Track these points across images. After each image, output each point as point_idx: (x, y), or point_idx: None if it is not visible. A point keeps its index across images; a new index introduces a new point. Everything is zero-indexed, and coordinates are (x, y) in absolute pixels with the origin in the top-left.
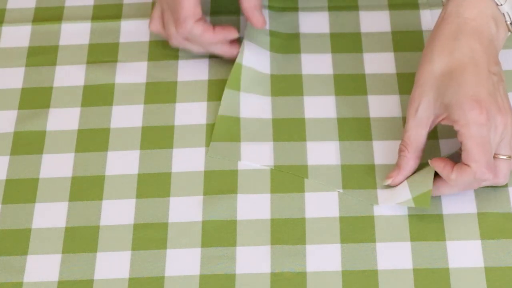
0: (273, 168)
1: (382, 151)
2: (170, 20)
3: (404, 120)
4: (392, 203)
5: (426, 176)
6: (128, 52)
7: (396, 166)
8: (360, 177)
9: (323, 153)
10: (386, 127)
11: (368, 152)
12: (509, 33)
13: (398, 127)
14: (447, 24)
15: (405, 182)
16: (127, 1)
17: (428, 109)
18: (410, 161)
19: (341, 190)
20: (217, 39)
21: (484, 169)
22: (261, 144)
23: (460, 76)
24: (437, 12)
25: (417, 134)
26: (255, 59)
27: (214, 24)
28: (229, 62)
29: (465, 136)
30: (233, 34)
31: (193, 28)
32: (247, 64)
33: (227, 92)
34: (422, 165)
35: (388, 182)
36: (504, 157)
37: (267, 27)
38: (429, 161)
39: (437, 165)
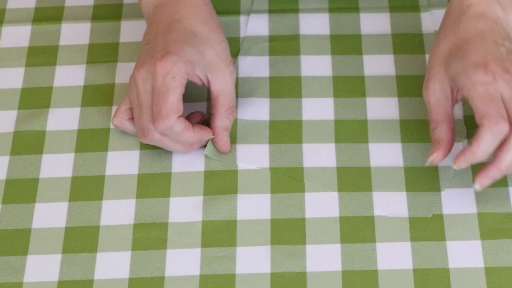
0: (269, 170)
1: (378, 154)
2: (145, 115)
3: (402, 122)
4: (386, 215)
5: (431, 202)
6: (128, 52)
7: (434, 143)
8: (356, 180)
9: (319, 155)
10: (383, 130)
11: (364, 155)
12: None
13: (395, 130)
14: (451, 13)
15: (405, 198)
16: (127, 1)
17: (443, 84)
18: (447, 133)
19: (336, 193)
20: (196, 138)
21: (496, 119)
22: (257, 146)
23: (466, 48)
24: (437, 14)
25: (443, 108)
26: (251, 69)
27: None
28: None
29: (472, 97)
30: (209, 135)
31: (175, 124)
32: (244, 75)
33: None
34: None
35: (431, 159)
36: None
37: (267, 33)
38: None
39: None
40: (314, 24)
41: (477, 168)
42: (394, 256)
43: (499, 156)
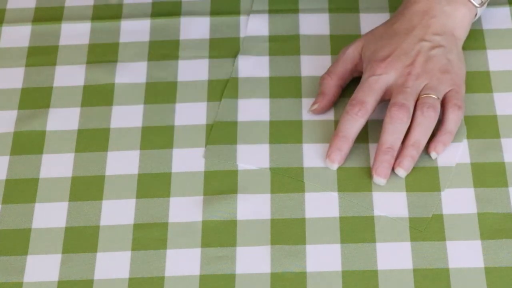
0: (268, 170)
1: None
2: None
3: None
4: (386, 214)
5: (431, 202)
6: (128, 52)
7: (320, 93)
8: (355, 180)
9: (319, 155)
10: None
11: (364, 155)
12: (478, 7)
13: None
14: (403, 3)
15: (405, 198)
16: (127, 1)
17: (355, 51)
18: (333, 88)
19: (336, 193)
20: None
21: (354, 103)
22: (257, 146)
23: (385, 39)
24: None
25: (343, 67)
26: (252, 68)
27: (214, 25)
28: (230, 62)
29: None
30: None
31: None
32: (244, 76)
33: (224, 101)
34: (426, 176)
35: (314, 107)
36: (426, 95)
37: (267, 33)
38: None
39: None
40: (314, 24)
41: (478, 170)
42: (394, 256)
43: (379, 139)
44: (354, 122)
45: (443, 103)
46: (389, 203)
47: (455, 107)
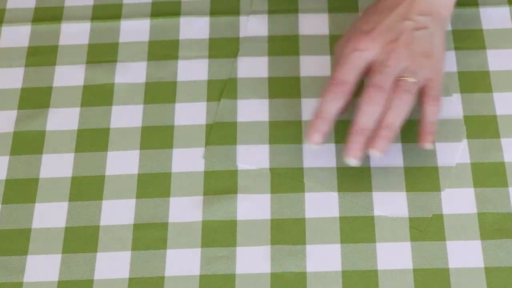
0: (268, 170)
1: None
2: None
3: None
4: (386, 214)
5: (431, 202)
6: (128, 52)
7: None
8: (356, 180)
9: (319, 155)
10: None
11: (364, 155)
12: None
13: None
14: None
15: (405, 198)
16: (127, 1)
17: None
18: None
19: (336, 193)
20: None
21: (333, 81)
22: (257, 146)
23: (370, 15)
24: None
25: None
26: (250, 69)
27: (213, 25)
28: (230, 62)
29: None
30: None
31: None
32: (243, 76)
33: (223, 102)
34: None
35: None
36: (405, 78)
37: (266, 33)
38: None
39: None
40: (314, 24)
41: (478, 170)
42: (394, 256)
43: (354, 120)
44: (335, 103)
45: (421, 93)
46: (389, 203)
47: (434, 99)
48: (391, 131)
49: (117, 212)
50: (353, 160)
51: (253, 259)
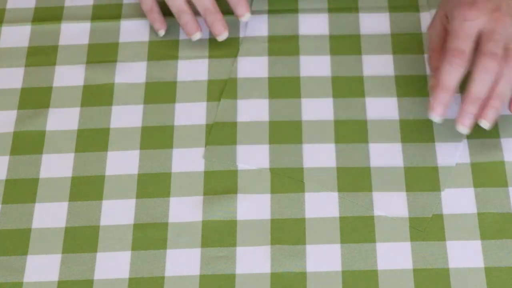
0: (268, 170)
1: (378, 154)
2: None
3: (402, 122)
4: (386, 214)
5: (431, 202)
6: (127, 52)
7: (433, 70)
8: (356, 180)
9: (319, 155)
10: (383, 130)
11: (364, 155)
12: None
13: (395, 130)
14: None
15: (405, 198)
16: (127, 1)
17: (442, 19)
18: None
19: (336, 193)
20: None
21: (453, 52)
22: (257, 146)
23: None
24: None
25: (441, 39)
26: (250, 69)
27: None
28: (230, 62)
29: (449, 31)
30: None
31: None
32: (243, 76)
33: (223, 102)
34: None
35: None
36: None
37: (266, 33)
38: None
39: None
40: (313, 24)
41: (478, 170)
42: (394, 256)
43: (467, 89)
44: (456, 72)
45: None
46: (389, 203)
47: None
48: (501, 101)
49: (117, 212)
50: (465, 129)
51: (253, 259)
